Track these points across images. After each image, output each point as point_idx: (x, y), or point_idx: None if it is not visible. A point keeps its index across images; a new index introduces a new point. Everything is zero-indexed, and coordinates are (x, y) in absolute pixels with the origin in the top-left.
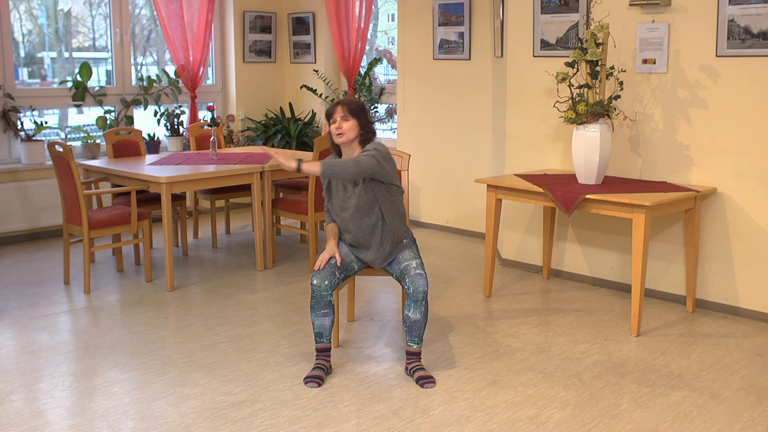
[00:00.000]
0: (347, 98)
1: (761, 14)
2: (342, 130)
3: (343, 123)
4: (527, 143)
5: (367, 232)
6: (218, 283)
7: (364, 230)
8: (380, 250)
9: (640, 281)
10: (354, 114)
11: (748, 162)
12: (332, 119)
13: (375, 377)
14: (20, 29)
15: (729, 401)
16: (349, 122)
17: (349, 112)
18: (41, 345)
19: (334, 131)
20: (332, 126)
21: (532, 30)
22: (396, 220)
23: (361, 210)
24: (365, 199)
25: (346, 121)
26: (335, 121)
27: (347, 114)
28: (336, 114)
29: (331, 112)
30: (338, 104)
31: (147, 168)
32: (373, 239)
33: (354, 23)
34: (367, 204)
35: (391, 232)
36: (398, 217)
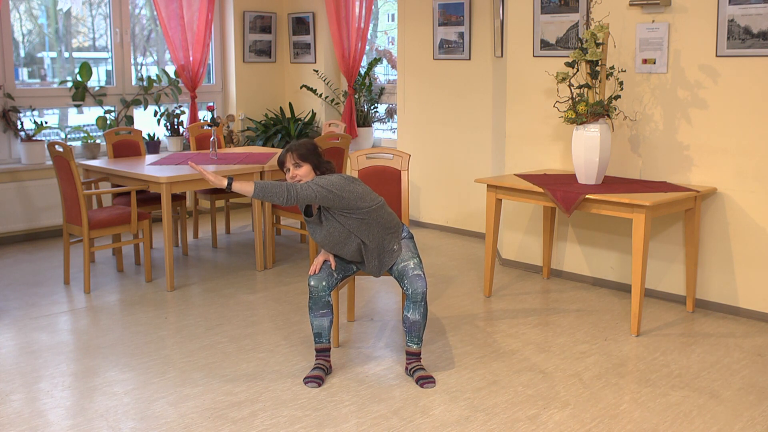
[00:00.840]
0: (295, 143)
1: (761, 14)
2: (298, 177)
3: (296, 171)
4: (527, 143)
5: (354, 253)
6: (218, 283)
7: (350, 254)
8: (370, 266)
9: (640, 281)
10: (304, 158)
11: (748, 162)
12: (285, 168)
13: (375, 377)
14: (20, 29)
15: (729, 401)
16: (303, 168)
17: (299, 158)
18: (41, 345)
19: (289, 180)
20: (287, 174)
21: (532, 30)
22: (378, 236)
23: (338, 241)
24: (336, 231)
25: (298, 168)
26: (288, 170)
27: (298, 161)
28: (287, 163)
29: (283, 161)
30: (287, 152)
31: (147, 168)
32: (362, 257)
33: (354, 23)
34: (341, 235)
35: (376, 248)
36: (381, 232)
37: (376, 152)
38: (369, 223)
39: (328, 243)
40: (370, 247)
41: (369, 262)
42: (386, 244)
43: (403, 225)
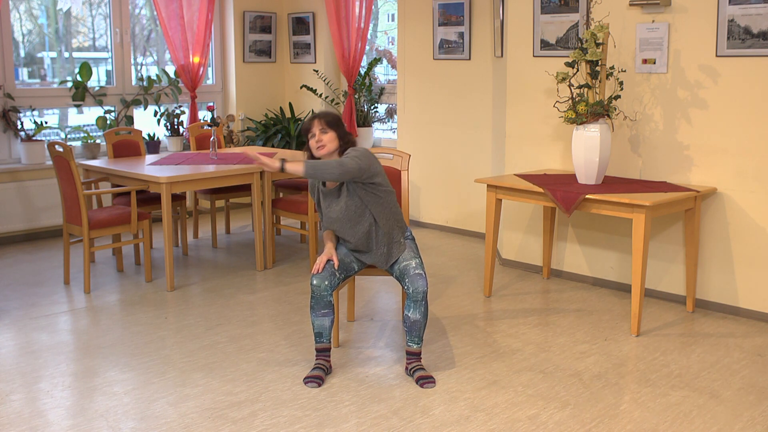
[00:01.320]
0: (322, 112)
1: (761, 14)
2: (323, 142)
3: (322, 136)
4: (527, 143)
5: (363, 237)
6: (218, 283)
7: (358, 236)
8: (378, 253)
9: (640, 281)
10: (331, 126)
11: (748, 162)
12: (311, 133)
13: (375, 377)
14: (20, 29)
15: (729, 401)
16: (328, 134)
17: (326, 125)
18: (41, 345)
19: (314, 145)
20: (311, 140)
21: (532, 30)
22: (390, 221)
23: (351, 217)
24: (353, 206)
25: (324, 133)
26: (314, 135)
27: (325, 127)
28: (314, 128)
29: (309, 127)
30: (314, 118)
31: (147, 168)
32: (370, 243)
33: (354, 23)
34: (356, 211)
35: (386, 234)
36: (392, 218)
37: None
38: (384, 204)
39: (343, 218)
40: (382, 231)
41: (378, 248)
42: (395, 235)
43: (407, 227)
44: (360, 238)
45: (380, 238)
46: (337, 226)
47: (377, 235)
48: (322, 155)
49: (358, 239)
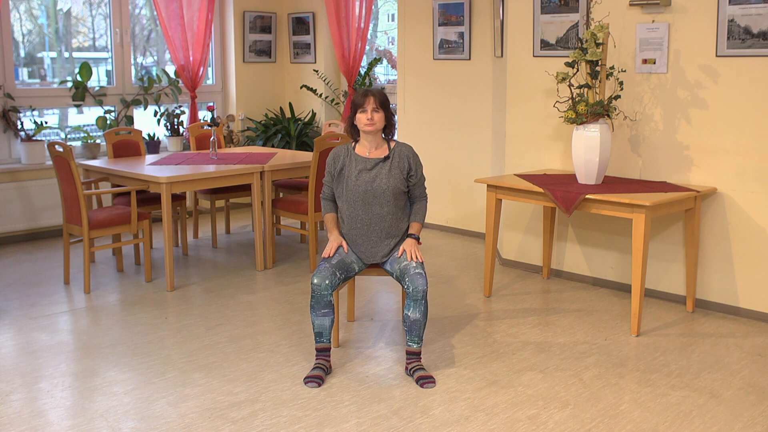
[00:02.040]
0: (375, 89)
1: (761, 14)
2: (374, 120)
3: (374, 114)
4: (527, 143)
5: (374, 220)
6: (218, 283)
7: (370, 217)
8: (379, 244)
9: (640, 281)
10: (383, 107)
11: (748, 162)
12: (362, 108)
13: (375, 377)
14: (20, 29)
15: (729, 401)
16: (380, 113)
17: (379, 105)
18: (41, 345)
19: (364, 120)
20: (362, 115)
21: (532, 30)
22: (402, 219)
23: (376, 194)
24: (386, 185)
25: (376, 112)
26: (365, 111)
27: (378, 106)
28: (368, 105)
29: (362, 102)
30: (369, 94)
31: (147, 168)
32: (372, 230)
33: (354, 23)
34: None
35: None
36: (404, 217)
37: None
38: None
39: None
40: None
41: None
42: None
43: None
44: (368, 218)
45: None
46: (354, 198)
47: (386, 224)
48: (369, 131)
49: (365, 218)
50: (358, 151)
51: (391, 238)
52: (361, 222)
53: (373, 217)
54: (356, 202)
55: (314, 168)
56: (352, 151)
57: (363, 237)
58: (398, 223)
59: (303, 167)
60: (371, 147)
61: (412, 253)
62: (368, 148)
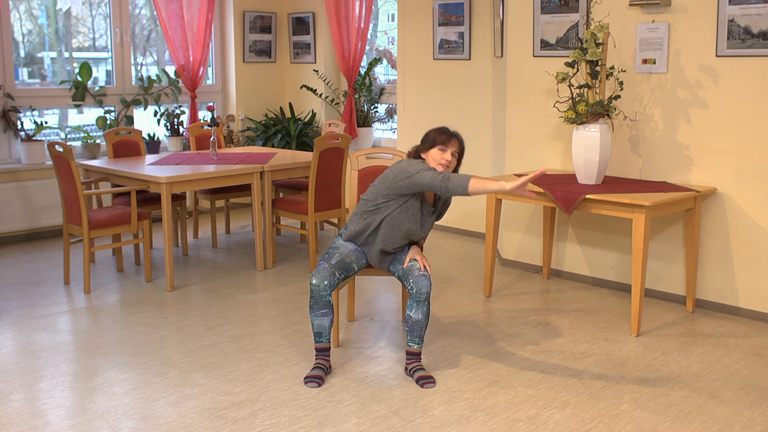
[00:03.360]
0: (459, 134)
1: (761, 14)
2: (449, 164)
3: (453, 159)
4: (527, 143)
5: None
6: (218, 283)
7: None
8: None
9: (640, 281)
10: (461, 155)
11: (748, 162)
12: (443, 147)
13: (375, 377)
14: (20, 29)
15: (729, 401)
16: (455, 159)
17: (460, 153)
18: (41, 345)
19: (440, 159)
20: (441, 153)
21: (532, 30)
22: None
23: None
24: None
25: (454, 157)
26: (445, 151)
27: (457, 152)
28: (451, 146)
29: (446, 141)
30: (455, 137)
31: (147, 168)
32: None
33: (354, 23)
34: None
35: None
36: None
37: (376, 152)
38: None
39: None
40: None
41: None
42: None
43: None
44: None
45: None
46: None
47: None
48: (438, 169)
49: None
50: None
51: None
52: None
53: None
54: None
55: (314, 168)
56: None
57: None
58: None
59: (303, 167)
60: None
61: (421, 262)
62: None
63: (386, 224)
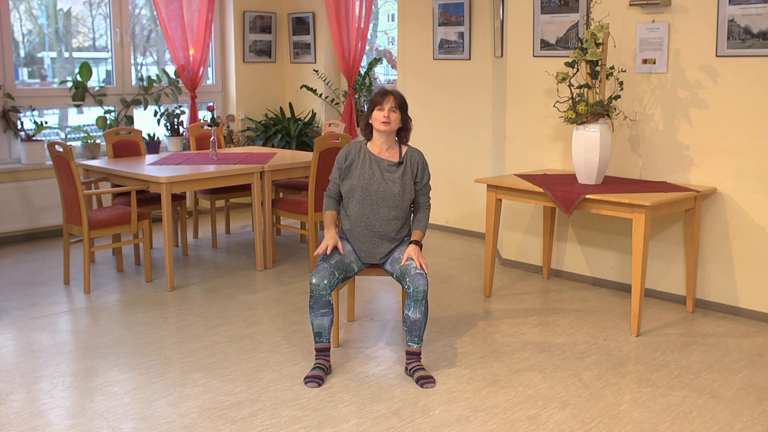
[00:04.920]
0: (396, 90)
1: (761, 14)
2: (389, 120)
3: (391, 114)
4: (527, 143)
5: (380, 222)
6: (218, 283)
7: (378, 219)
8: (380, 246)
9: (640, 281)
10: (401, 108)
11: (748, 162)
12: (380, 107)
13: (375, 377)
14: (20, 29)
15: (729, 401)
16: (396, 114)
17: (398, 106)
18: (41, 345)
19: (380, 118)
20: (379, 112)
21: (532, 30)
22: (405, 225)
23: (388, 198)
24: (398, 189)
25: (394, 112)
26: (383, 110)
27: (396, 107)
28: (386, 103)
29: (381, 101)
30: (389, 94)
31: (147, 168)
32: (376, 231)
33: (354, 23)
34: (396, 196)
35: (396, 231)
36: (407, 223)
37: None
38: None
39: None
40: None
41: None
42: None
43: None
44: (376, 220)
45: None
46: (365, 196)
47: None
48: (383, 130)
49: (373, 220)
50: (370, 148)
51: (391, 241)
52: (366, 220)
53: (380, 219)
54: (366, 200)
55: (314, 168)
56: (365, 148)
57: (366, 236)
58: (401, 228)
59: (303, 167)
60: (384, 147)
61: (417, 260)
62: (381, 147)
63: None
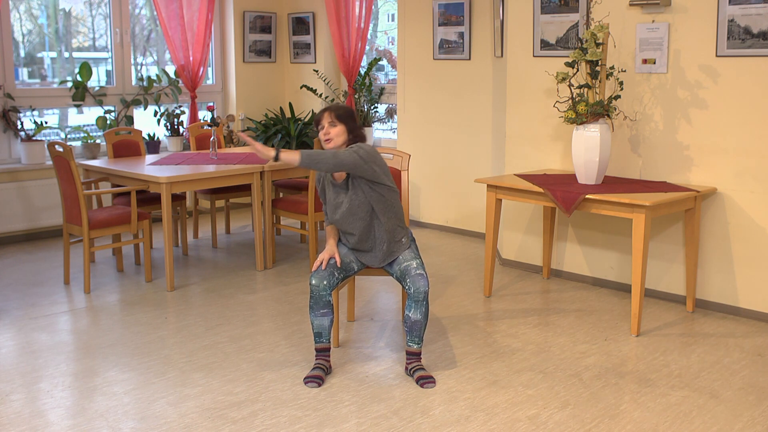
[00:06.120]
0: (335, 104)
1: (761, 14)
2: (330, 135)
3: (330, 129)
4: (527, 143)
5: (365, 232)
6: (218, 283)
7: (360, 231)
8: (378, 251)
9: (640, 281)
10: (342, 119)
11: (748, 162)
12: (320, 125)
13: (375, 377)
14: (20, 29)
15: (729, 401)
16: (337, 128)
17: (336, 117)
18: (41, 345)
19: (322, 137)
20: (320, 132)
21: (532, 30)
22: (392, 220)
23: (355, 212)
24: (357, 201)
25: (333, 126)
26: (323, 127)
27: (335, 120)
28: (323, 120)
29: (319, 119)
30: (326, 110)
31: (147, 168)
32: (369, 240)
33: (354, 23)
34: (359, 206)
35: (387, 232)
36: (394, 217)
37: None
38: (387, 202)
39: (347, 212)
40: (383, 227)
41: (378, 246)
42: (397, 233)
43: (408, 229)
44: (362, 233)
45: (381, 235)
46: (340, 218)
47: (377, 231)
48: (329, 148)
49: (360, 234)
50: None
51: (385, 243)
52: (355, 237)
53: (364, 233)
54: (344, 222)
55: None
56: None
57: (361, 248)
58: (392, 227)
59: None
60: None
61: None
62: None
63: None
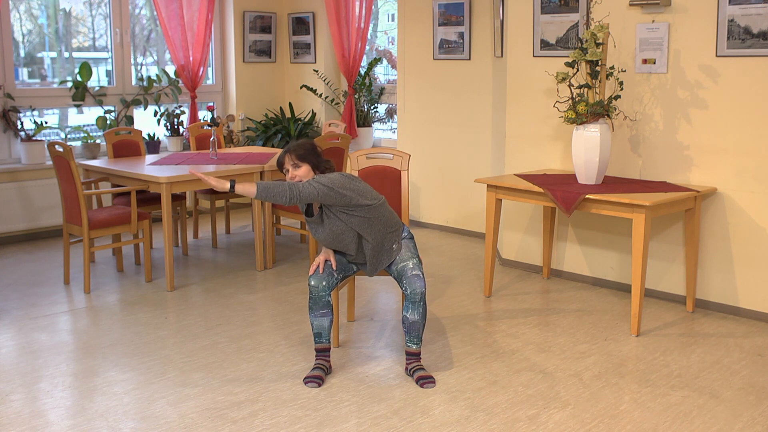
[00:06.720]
0: (293, 144)
1: (761, 14)
2: (297, 177)
3: (295, 171)
4: (527, 143)
5: (352, 250)
6: (218, 283)
7: (351, 250)
8: (370, 264)
9: (640, 281)
10: (303, 159)
11: (748, 162)
12: (284, 169)
13: (375, 377)
14: (20, 29)
15: (729, 401)
16: (301, 168)
17: (298, 158)
18: (41, 345)
19: (288, 180)
20: (286, 176)
21: (532, 30)
22: (379, 233)
23: (340, 238)
24: (339, 228)
25: (297, 168)
26: (287, 171)
27: (297, 162)
28: (286, 164)
29: (282, 162)
30: (285, 153)
31: (147, 168)
32: (359, 255)
33: (354, 23)
34: (343, 233)
35: (374, 247)
36: (381, 229)
37: (376, 152)
38: (371, 220)
39: (330, 241)
40: (370, 244)
41: (369, 259)
42: (386, 243)
43: (403, 225)
44: (351, 251)
45: (370, 251)
46: (327, 244)
47: (367, 248)
48: None
49: (350, 252)
50: None
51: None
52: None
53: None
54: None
55: None
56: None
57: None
58: (383, 239)
59: None
60: None
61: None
62: None
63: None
